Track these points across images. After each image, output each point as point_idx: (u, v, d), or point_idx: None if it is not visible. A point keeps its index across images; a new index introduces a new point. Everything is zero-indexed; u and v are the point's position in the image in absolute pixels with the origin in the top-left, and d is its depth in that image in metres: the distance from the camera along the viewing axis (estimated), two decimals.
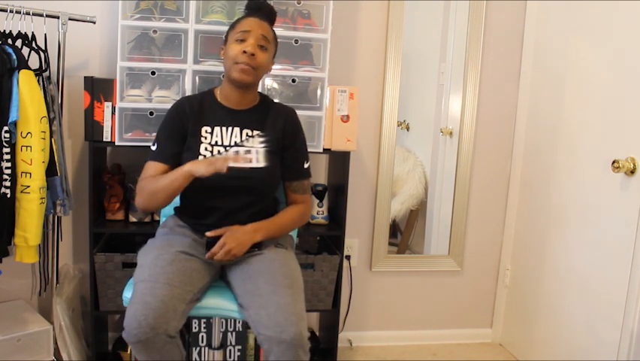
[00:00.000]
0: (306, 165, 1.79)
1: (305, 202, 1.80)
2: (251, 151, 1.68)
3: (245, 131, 1.71)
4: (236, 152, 1.66)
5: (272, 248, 1.71)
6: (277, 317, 1.46)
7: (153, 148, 1.70)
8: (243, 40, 1.63)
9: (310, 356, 1.51)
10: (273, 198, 1.81)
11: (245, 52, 1.61)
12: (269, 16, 1.73)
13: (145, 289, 1.48)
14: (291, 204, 1.79)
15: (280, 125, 1.74)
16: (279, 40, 2.01)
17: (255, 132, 1.71)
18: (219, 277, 1.75)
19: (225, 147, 1.68)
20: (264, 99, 1.78)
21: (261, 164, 1.68)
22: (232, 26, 1.70)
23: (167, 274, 1.52)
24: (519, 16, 2.49)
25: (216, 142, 1.68)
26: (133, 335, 1.41)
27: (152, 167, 1.67)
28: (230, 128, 1.70)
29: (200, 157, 1.66)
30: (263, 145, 1.71)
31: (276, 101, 1.82)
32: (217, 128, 1.70)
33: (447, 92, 2.52)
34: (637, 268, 1.83)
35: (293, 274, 1.62)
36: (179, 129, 1.69)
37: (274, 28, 1.74)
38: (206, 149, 1.67)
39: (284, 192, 1.81)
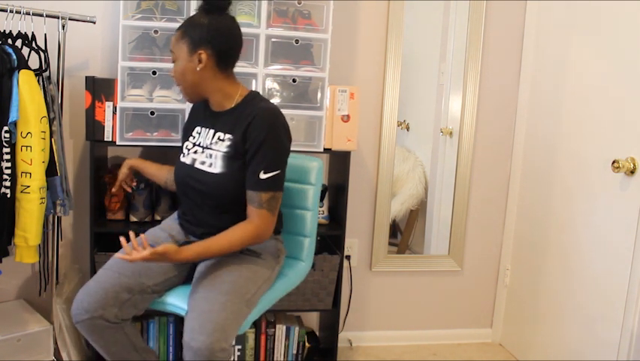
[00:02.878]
0: (263, 176, 1.54)
1: (258, 218, 1.55)
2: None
3: (217, 134, 1.64)
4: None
5: (236, 253, 1.62)
6: (193, 323, 1.45)
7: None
8: None
9: (310, 355, 1.51)
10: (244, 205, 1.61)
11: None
12: (210, 10, 1.58)
13: (97, 276, 1.59)
14: (248, 216, 1.58)
15: (243, 128, 1.56)
16: (279, 40, 2.01)
17: (227, 136, 1.61)
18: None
19: (203, 147, 1.67)
20: (246, 99, 1.64)
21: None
22: None
23: (123, 264, 1.61)
24: (519, 16, 2.49)
25: (199, 142, 1.70)
26: (73, 316, 1.56)
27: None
28: (207, 130, 1.69)
29: (181, 155, 1.72)
30: (226, 149, 1.60)
31: (269, 101, 1.66)
32: (203, 130, 1.71)
33: (447, 92, 2.52)
34: (637, 268, 1.83)
35: (238, 281, 1.54)
36: (188, 127, 1.78)
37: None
38: (186, 147, 1.72)
39: None
